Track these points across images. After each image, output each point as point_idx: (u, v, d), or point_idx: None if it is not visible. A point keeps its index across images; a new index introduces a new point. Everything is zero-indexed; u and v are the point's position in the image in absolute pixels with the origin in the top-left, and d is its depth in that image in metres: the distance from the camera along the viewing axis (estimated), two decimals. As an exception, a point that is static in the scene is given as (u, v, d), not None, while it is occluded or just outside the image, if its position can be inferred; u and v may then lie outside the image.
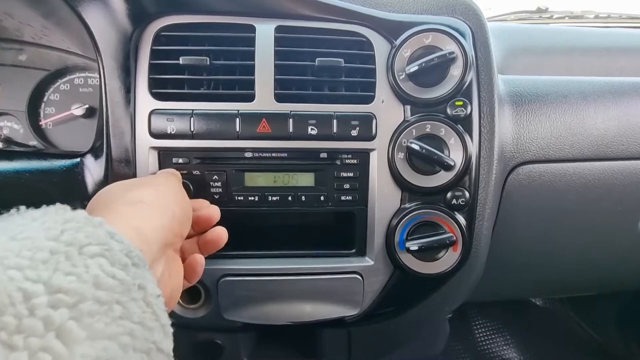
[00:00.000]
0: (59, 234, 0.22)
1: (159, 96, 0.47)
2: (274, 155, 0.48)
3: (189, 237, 0.40)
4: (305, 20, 0.49)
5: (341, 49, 0.49)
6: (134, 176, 0.47)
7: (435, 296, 0.56)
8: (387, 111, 0.49)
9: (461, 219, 0.50)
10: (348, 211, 0.51)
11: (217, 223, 0.42)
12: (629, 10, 0.94)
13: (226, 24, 0.49)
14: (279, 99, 0.47)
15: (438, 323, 0.78)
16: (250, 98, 0.47)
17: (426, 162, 0.48)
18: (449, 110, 0.49)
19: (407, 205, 0.50)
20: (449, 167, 0.48)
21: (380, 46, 0.50)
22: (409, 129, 0.48)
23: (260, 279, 0.51)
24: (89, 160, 0.47)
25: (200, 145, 0.47)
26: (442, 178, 0.49)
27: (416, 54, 0.48)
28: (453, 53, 0.47)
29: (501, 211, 0.55)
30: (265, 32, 0.48)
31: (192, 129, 0.46)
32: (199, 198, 0.45)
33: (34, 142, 0.59)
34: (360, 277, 0.52)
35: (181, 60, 0.46)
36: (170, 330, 0.25)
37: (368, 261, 0.52)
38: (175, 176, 0.44)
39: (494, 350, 1.05)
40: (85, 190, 0.46)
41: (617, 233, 0.63)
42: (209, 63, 0.46)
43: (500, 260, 0.60)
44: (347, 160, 0.50)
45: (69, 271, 0.21)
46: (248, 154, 0.48)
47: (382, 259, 0.51)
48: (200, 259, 0.39)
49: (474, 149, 0.49)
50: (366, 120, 0.48)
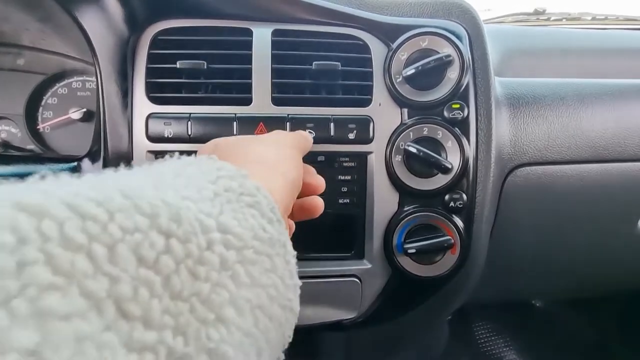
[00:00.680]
0: (216, 179, 0.22)
1: (156, 100, 0.47)
2: (271, 158, 0.48)
3: None
4: (302, 23, 0.49)
5: (338, 52, 0.49)
6: None
7: (434, 299, 0.56)
8: (385, 114, 0.49)
9: (459, 221, 0.50)
10: (346, 214, 0.51)
11: None
12: (627, 12, 0.95)
13: (223, 27, 0.49)
14: (276, 102, 0.48)
15: (437, 325, 0.78)
16: (247, 102, 0.47)
17: (424, 165, 0.48)
18: (446, 113, 0.49)
19: (405, 208, 0.50)
20: (446, 170, 0.48)
21: (377, 49, 0.50)
22: (406, 132, 0.48)
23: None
24: (87, 164, 0.47)
25: (197, 149, 0.47)
26: (440, 181, 0.49)
27: (413, 57, 0.48)
28: (450, 56, 0.47)
29: (499, 214, 0.55)
30: (262, 36, 0.48)
31: (190, 133, 0.46)
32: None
33: (31, 146, 0.59)
34: (358, 280, 0.52)
35: (178, 64, 0.46)
36: (299, 292, 0.25)
37: (366, 264, 0.52)
38: (302, 139, 0.39)
39: (494, 352, 1.05)
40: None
41: (616, 234, 0.63)
42: (206, 67, 0.46)
43: (499, 262, 0.60)
44: (345, 163, 0.50)
45: (233, 215, 0.21)
46: (245, 158, 0.48)
47: (380, 262, 0.51)
48: (321, 202, 0.37)
49: (471, 151, 0.49)
50: (363, 123, 0.48)
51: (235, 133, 0.46)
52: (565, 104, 0.55)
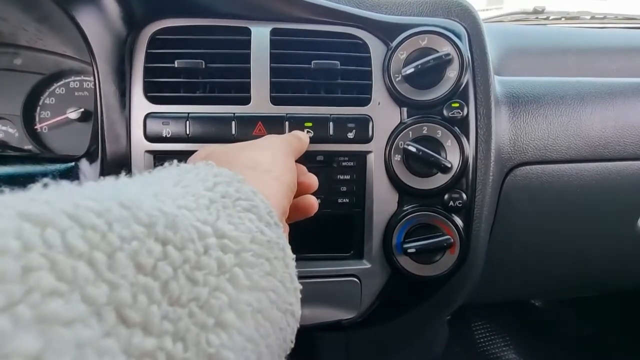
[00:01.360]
0: (213, 186, 0.23)
1: (155, 99, 0.47)
2: (270, 158, 0.48)
3: None
4: (301, 22, 0.49)
5: (337, 52, 0.49)
6: None
7: (433, 298, 0.56)
8: (384, 113, 0.49)
9: (458, 221, 0.50)
10: (345, 214, 0.51)
11: None
12: (626, 11, 0.94)
13: (221, 26, 0.49)
14: (275, 101, 0.47)
15: (437, 325, 0.78)
16: (246, 101, 0.47)
17: (423, 164, 0.48)
18: (445, 112, 0.49)
19: (404, 207, 0.50)
20: (446, 169, 0.48)
21: (376, 48, 0.49)
22: (405, 131, 0.48)
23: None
24: (84, 164, 0.47)
25: (196, 149, 0.47)
26: (439, 180, 0.49)
27: (412, 56, 0.48)
28: (449, 55, 0.47)
29: (499, 213, 0.55)
30: (261, 35, 0.48)
31: (188, 132, 0.46)
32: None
33: (29, 146, 0.58)
34: (357, 280, 0.51)
35: (176, 63, 0.46)
36: (300, 296, 0.25)
37: (365, 264, 0.51)
38: (296, 140, 0.40)
39: (493, 351, 1.05)
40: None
41: (616, 233, 0.63)
42: (204, 66, 0.46)
43: (499, 262, 0.60)
44: (344, 163, 0.50)
45: (229, 220, 0.21)
46: (244, 157, 0.48)
47: (380, 261, 0.51)
48: (315, 201, 0.38)
49: (470, 150, 0.49)
50: (362, 123, 0.48)
51: (233, 133, 0.46)
52: (564, 103, 0.55)
